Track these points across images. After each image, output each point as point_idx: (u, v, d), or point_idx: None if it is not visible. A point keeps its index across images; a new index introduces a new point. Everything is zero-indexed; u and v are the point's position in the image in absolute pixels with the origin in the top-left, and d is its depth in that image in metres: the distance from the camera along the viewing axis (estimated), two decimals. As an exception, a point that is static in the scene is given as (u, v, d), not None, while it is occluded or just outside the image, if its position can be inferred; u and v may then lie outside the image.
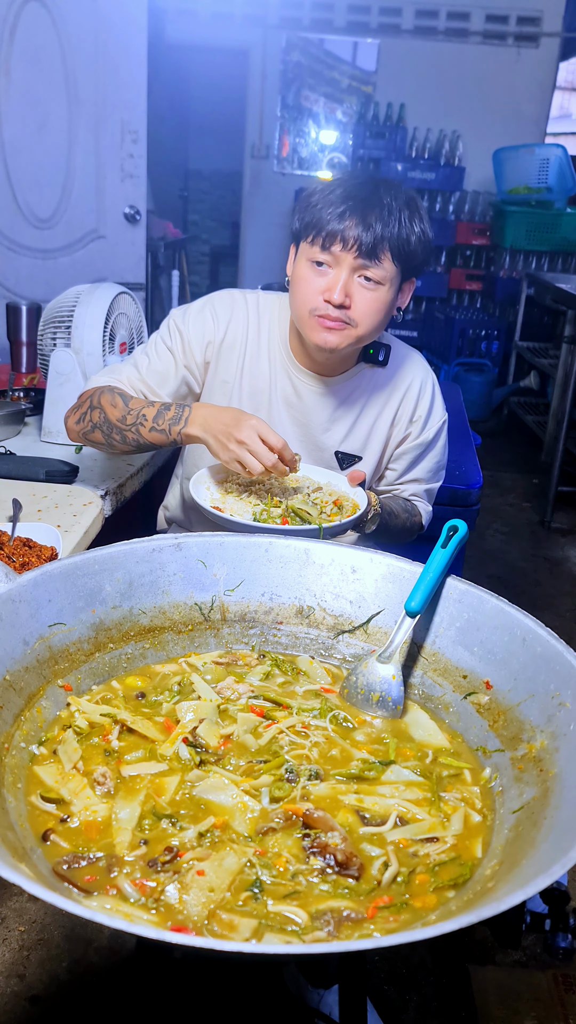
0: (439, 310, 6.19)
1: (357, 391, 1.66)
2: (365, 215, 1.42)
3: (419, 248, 1.49)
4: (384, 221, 1.43)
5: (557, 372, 4.81)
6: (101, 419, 1.56)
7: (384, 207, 1.43)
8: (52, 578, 1.05)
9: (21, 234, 3.99)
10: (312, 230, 1.46)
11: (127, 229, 4.06)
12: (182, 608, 1.18)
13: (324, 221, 1.44)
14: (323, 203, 1.45)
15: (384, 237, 1.43)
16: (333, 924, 0.76)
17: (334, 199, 1.44)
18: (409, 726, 1.07)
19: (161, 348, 1.64)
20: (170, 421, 1.51)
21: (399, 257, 1.47)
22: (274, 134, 6.37)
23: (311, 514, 1.43)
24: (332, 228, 1.43)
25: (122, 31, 3.77)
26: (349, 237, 1.43)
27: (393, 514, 1.65)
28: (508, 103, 6.10)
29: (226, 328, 1.64)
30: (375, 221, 1.42)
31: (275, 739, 1.00)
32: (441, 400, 1.73)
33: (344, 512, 1.47)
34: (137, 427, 1.53)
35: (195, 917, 0.76)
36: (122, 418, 1.54)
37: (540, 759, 0.91)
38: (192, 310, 1.66)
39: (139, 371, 1.63)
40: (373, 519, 1.57)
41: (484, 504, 4.12)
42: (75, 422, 1.62)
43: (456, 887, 0.82)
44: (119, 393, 1.57)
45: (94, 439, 1.60)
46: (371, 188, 1.45)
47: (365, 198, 1.43)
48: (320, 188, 1.48)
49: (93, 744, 0.97)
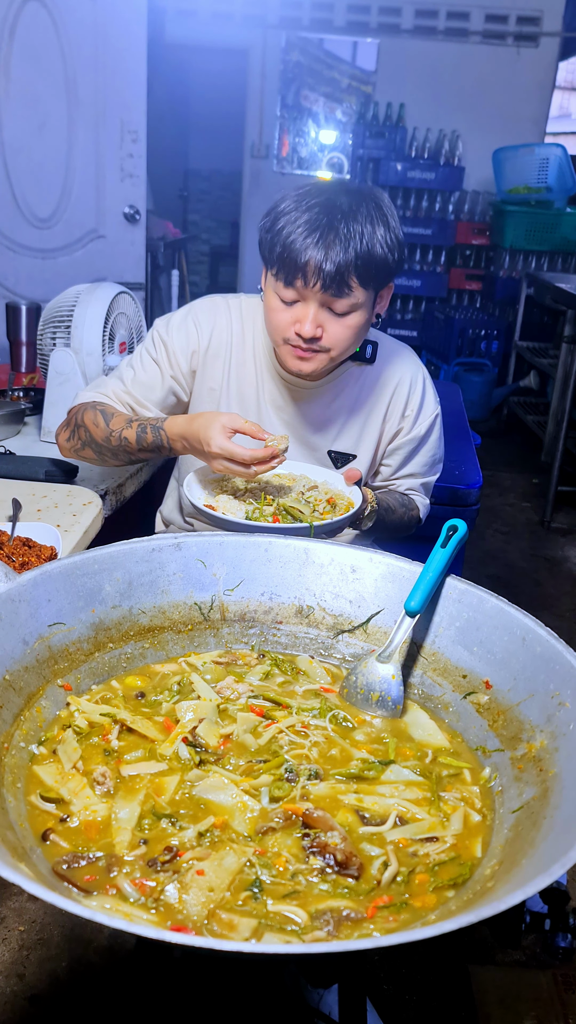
0: (439, 310, 6.19)
1: (347, 390, 1.66)
2: (327, 248, 1.37)
3: (387, 255, 1.42)
4: (346, 248, 1.37)
5: (557, 372, 4.81)
6: (88, 437, 1.58)
7: (344, 234, 1.37)
8: (52, 578, 1.05)
9: (21, 234, 3.99)
10: (275, 265, 1.43)
11: (127, 229, 4.06)
12: (182, 608, 1.18)
13: (286, 257, 1.39)
14: (285, 232, 1.40)
15: (348, 266, 1.38)
16: (333, 924, 0.76)
17: (295, 230, 1.39)
18: (409, 726, 1.07)
19: (147, 360, 1.65)
20: (152, 444, 1.53)
21: (368, 279, 1.42)
22: (274, 134, 6.37)
23: (303, 512, 1.43)
24: (294, 265, 1.39)
25: (122, 31, 3.77)
26: (312, 275, 1.38)
27: (390, 509, 1.64)
28: (508, 103, 6.10)
29: (210, 335, 1.63)
30: (337, 252, 1.36)
31: (275, 739, 1.00)
32: (433, 394, 1.72)
33: (337, 511, 1.47)
34: (123, 449, 1.55)
35: (195, 917, 0.76)
36: (106, 439, 1.56)
37: (540, 759, 0.91)
38: (175, 320, 1.66)
39: (124, 384, 1.64)
40: (370, 516, 1.57)
41: (484, 504, 4.12)
42: (66, 439, 1.63)
43: (456, 887, 0.82)
44: (100, 410, 1.57)
45: (86, 456, 1.62)
46: (331, 212, 1.38)
47: (326, 226, 1.37)
48: (284, 210, 1.43)
49: (93, 744, 0.97)
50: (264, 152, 6.40)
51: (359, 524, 1.57)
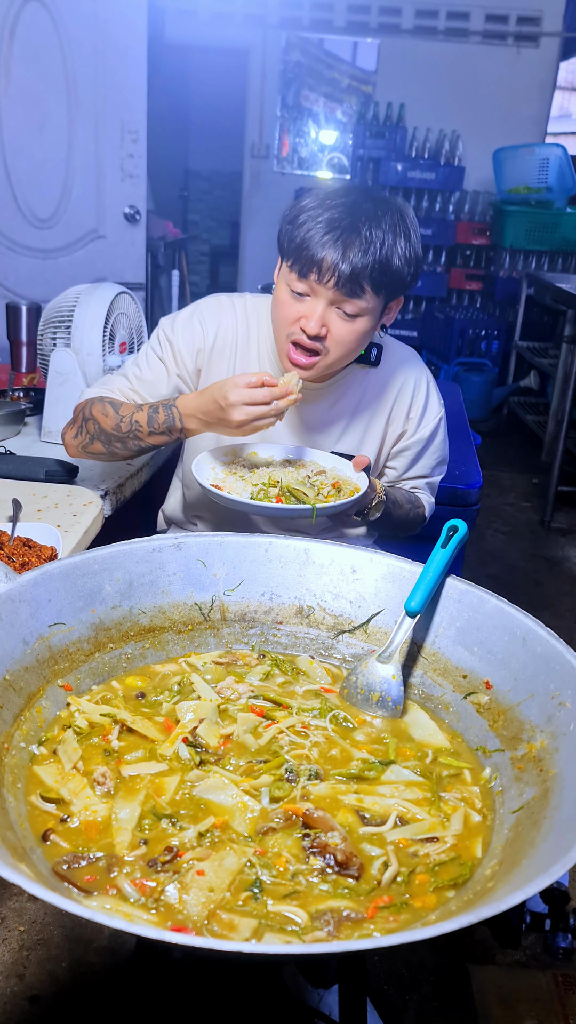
0: (439, 310, 6.19)
1: (350, 392, 1.66)
2: (346, 247, 1.37)
3: (404, 268, 1.43)
4: (364, 251, 1.37)
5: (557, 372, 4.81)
6: (96, 430, 1.57)
7: (366, 237, 1.37)
8: (52, 578, 1.05)
9: (21, 234, 3.99)
10: (291, 256, 1.43)
11: (127, 229, 4.06)
12: (182, 608, 1.18)
13: (304, 250, 1.39)
14: (306, 227, 1.40)
15: (364, 270, 1.38)
16: (333, 924, 0.76)
17: (316, 225, 1.39)
18: (409, 726, 1.07)
19: (152, 358, 1.65)
20: (164, 424, 1.52)
21: (381, 286, 1.42)
22: (274, 134, 6.37)
23: (307, 495, 1.43)
24: (311, 259, 1.39)
25: (122, 31, 3.77)
26: (327, 271, 1.39)
27: (397, 503, 1.65)
28: (508, 103, 6.10)
29: (215, 334, 1.63)
30: (356, 254, 1.37)
31: (275, 739, 1.00)
32: (437, 396, 1.72)
33: (342, 495, 1.46)
34: (135, 434, 1.54)
35: (195, 917, 0.76)
36: (116, 426, 1.55)
37: (540, 759, 0.91)
38: (180, 319, 1.66)
39: (130, 381, 1.64)
40: (377, 506, 1.57)
41: (484, 504, 4.12)
42: (72, 437, 1.63)
43: (456, 887, 0.82)
44: (109, 402, 1.58)
45: (94, 451, 1.61)
46: (355, 213, 1.39)
47: (348, 227, 1.38)
48: (308, 205, 1.43)
49: (93, 744, 0.97)
50: (264, 152, 6.40)
51: (366, 514, 1.57)
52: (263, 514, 1.40)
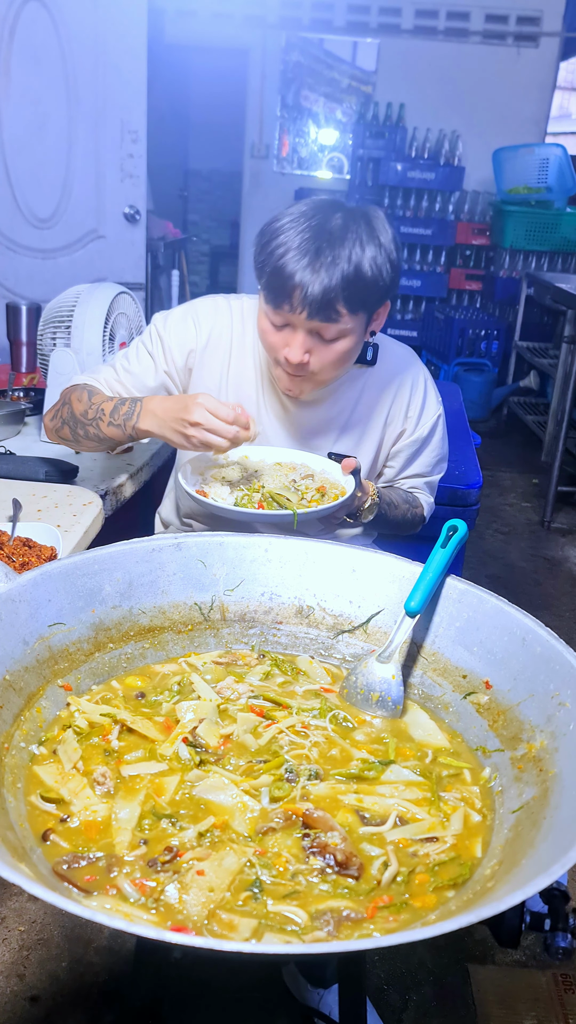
0: (439, 310, 6.19)
1: (348, 392, 1.66)
2: (314, 272, 1.34)
3: (377, 276, 1.38)
4: (331, 275, 1.33)
5: (557, 372, 4.81)
6: (68, 414, 1.58)
7: (331, 259, 1.34)
8: (52, 578, 1.05)
9: (21, 234, 3.99)
10: (264, 288, 1.41)
11: (127, 229, 4.06)
12: (182, 608, 1.18)
13: (273, 281, 1.37)
14: (274, 255, 1.37)
15: (334, 293, 1.35)
16: (333, 924, 0.77)
17: (284, 255, 1.35)
18: (409, 726, 1.07)
19: (142, 352, 1.65)
20: (124, 416, 1.50)
21: (356, 304, 1.39)
22: (274, 134, 6.37)
23: (290, 500, 1.42)
24: (280, 290, 1.37)
25: (122, 31, 3.77)
26: (297, 303, 1.36)
27: (393, 504, 1.64)
28: (508, 103, 6.10)
29: (208, 335, 1.63)
30: (322, 279, 1.34)
31: (275, 739, 1.00)
32: (435, 394, 1.72)
33: (326, 500, 1.46)
34: (96, 422, 1.53)
35: (195, 917, 0.76)
36: (84, 412, 1.55)
37: (540, 759, 0.91)
38: (174, 316, 1.65)
39: (117, 372, 1.64)
40: (370, 509, 1.56)
41: (484, 504, 4.12)
42: (50, 419, 1.64)
43: (456, 887, 0.82)
44: (88, 389, 1.58)
45: (64, 436, 1.62)
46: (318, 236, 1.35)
47: (313, 251, 1.34)
48: (276, 228, 1.39)
49: (93, 744, 0.97)
50: (264, 152, 6.40)
51: (358, 517, 1.56)
52: (244, 520, 1.39)
